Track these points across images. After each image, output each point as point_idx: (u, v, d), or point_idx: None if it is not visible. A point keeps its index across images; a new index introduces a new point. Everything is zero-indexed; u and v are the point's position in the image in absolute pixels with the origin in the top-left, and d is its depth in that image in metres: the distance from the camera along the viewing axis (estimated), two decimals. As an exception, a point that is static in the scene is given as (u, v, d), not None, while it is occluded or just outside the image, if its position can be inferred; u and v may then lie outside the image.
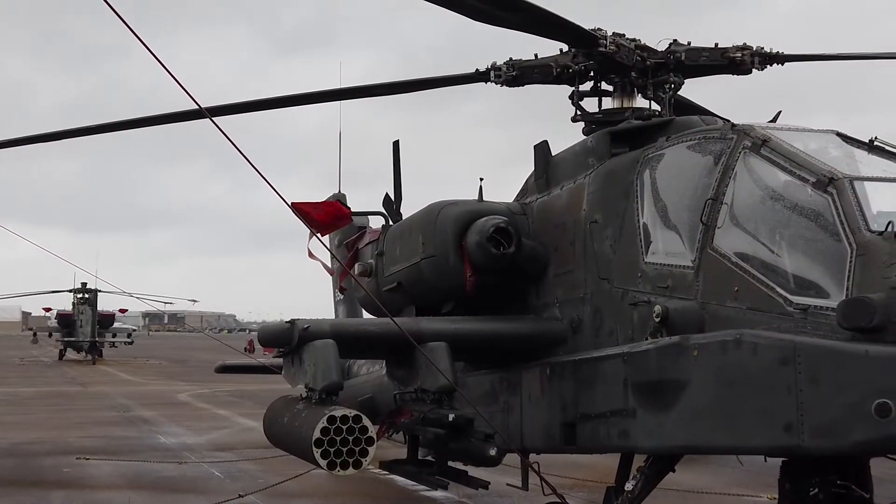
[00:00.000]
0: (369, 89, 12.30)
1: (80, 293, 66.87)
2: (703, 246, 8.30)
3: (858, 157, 8.39)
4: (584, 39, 10.18)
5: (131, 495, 14.36)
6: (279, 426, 10.29)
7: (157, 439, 22.12)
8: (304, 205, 12.06)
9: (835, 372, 6.86)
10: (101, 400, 32.72)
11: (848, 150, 8.51)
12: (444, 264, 10.85)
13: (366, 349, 11.15)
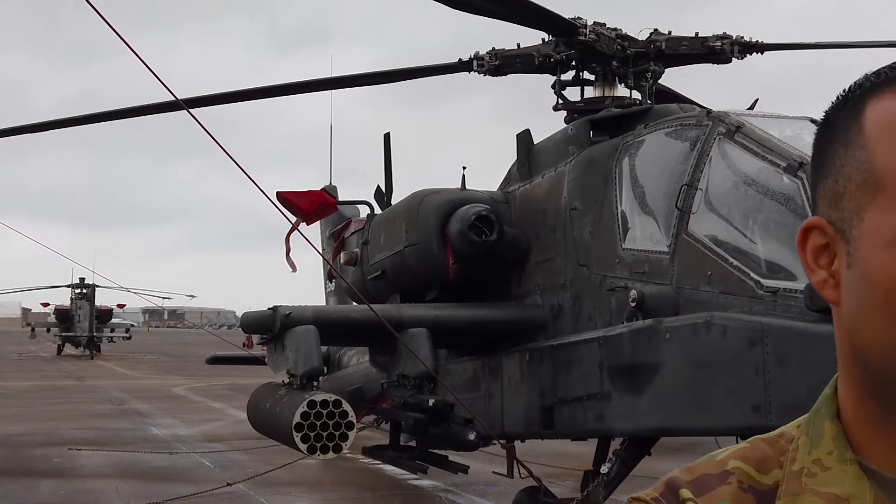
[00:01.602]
0: (355, 79, 12.38)
1: (78, 288, 66.92)
2: (679, 231, 8.39)
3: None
4: (563, 28, 10.26)
5: (119, 484, 14.45)
6: (262, 412, 10.39)
7: (149, 431, 22.21)
8: (289, 194, 12.13)
9: (801, 352, 6.95)
10: (96, 393, 32.79)
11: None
12: (427, 252, 10.93)
13: (347, 336, 11.23)
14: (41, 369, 49.65)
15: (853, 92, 1.17)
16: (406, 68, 12.03)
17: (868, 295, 1.11)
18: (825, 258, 1.18)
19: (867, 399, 1.17)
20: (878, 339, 1.11)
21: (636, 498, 1.23)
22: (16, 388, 34.78)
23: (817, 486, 1.17)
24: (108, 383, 38.17)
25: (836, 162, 1.16)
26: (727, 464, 1.23)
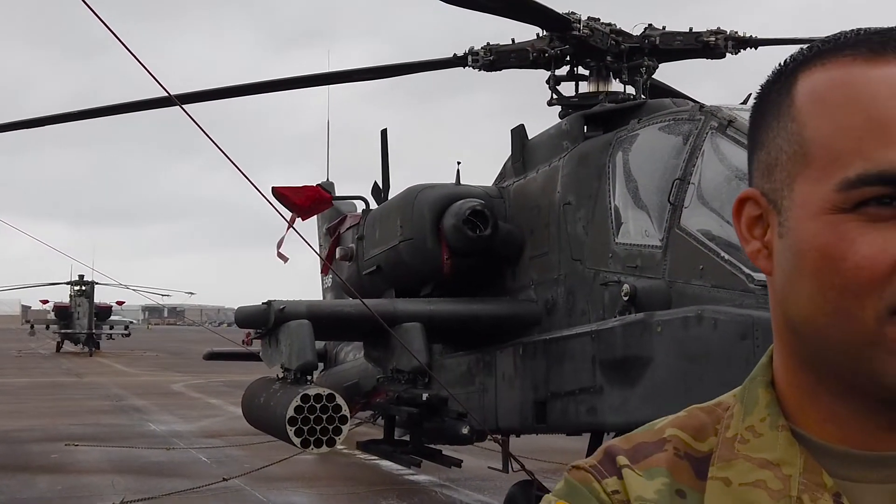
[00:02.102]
0: (350, 74, 12.38)
1: (77, 285, 66.93)
2: (671, 226, 8.40)
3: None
4: (557, 23, 10.28)
5: (116, 478, 14.48)
6: (256, 407, 10.41)
7: (147, 427, 22.24)
8: (284, 189, 12.16)
9: (792, 345, 6.96)
10: (94, 390, 32.81)
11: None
12: (421, 247, 10.95)
13: (341, 330, 11.25)
14: (40, 366, 49.67)
15: (787, 65, 1.19)
16: (401, 63, 12.06)
17: (797, 264, 1.13)
18: (759, 229, 1.19)
19: (799, 367, 1.19)
20: (807, 308, 1.12)
21: (577, 466, 1.25)
22: (14, 385, 34.81)
23: (749, 451, 1.19)
24: (107, 380, 38.19)
25: (768, 134, 1.18)
26: (665, 432, 1.25)
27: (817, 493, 1.13)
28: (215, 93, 10.91)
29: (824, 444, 1.17)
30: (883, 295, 1.06)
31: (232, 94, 11.30)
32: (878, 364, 1.08)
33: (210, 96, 10.85)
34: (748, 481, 1.16)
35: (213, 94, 10.86)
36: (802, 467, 1.15)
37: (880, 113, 1.08)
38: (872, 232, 1.07)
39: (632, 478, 1.20)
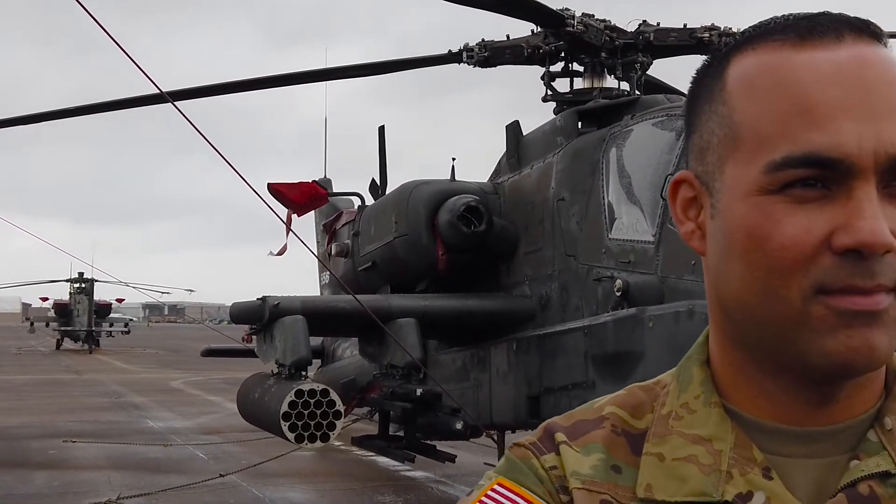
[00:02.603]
0: (346, 70, 12.40)
1: (76, 283, 66.92)
2: (664, 221, 8.42)
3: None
4: (551, 19, 10.30)
5: (112, 475, 14.51)
6: (251, 402, 10.45)
7: (145, 423, 22.25)
8: (280, 185, 12.19)
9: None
10: (94, 387, 32.84)
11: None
12: (416, 243, 10.98)
13: (336, 326, 11.28)
14: (39, 363, 49.68)
15: (720, 50, 1.21)
16: (397, 60, 12.07)
17: (727, 245, 1.15)
18: (693, 210, 1.22)
19: (731, 345, 1.21)
20: (737, 288, 1.15)
21: (518, 444, 1.27)
22: (14, 382, 34.83)
23: (683, 427, 1.21)
24: (106, 377, 38.20)
25: (701, 118, 1.20)
26: (603, 410, 1.28)
27: (747, 467, 1.16)
28: (209, 89, 10.90)
29: (756, 421, 1.19)
30: (807, 274, 1.08)
31: (226, 91, 11.28)
32: (803, 343, 1.10)
33: (203, 93, 10.84)
34: (680, 456, 1.19)
35: (206, 91, 10.86)
36: (733, 442, 1.18)
37: (805, 97, 1.10)
38: (798, 213, 1.09)
39: (569, 454, 1.23)
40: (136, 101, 10.24)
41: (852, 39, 1.12)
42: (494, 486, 1.23)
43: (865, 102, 1.08)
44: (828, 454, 1.17)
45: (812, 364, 1.11)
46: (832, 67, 1.10)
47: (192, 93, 10.48)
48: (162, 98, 7.22)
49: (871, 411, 1.19)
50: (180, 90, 9.95)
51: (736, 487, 1.15)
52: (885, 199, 1.09)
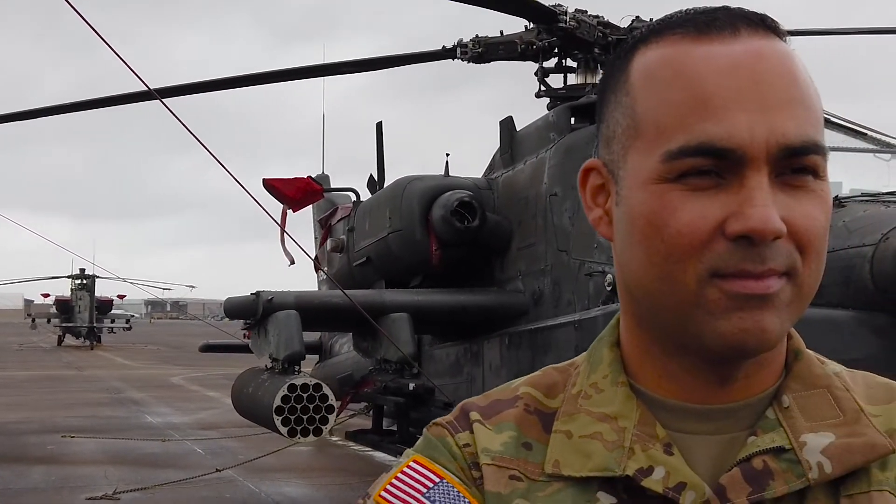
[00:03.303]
0: (341, 66, 12.43)
1: (78, 279, 66.98)
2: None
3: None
4: (543, 15, 10.33)
5: (109, 470, 14.56)
6: (245, 396, 10.50)
7: (144, 419, 22.31)
8: (275, 181, 12.22)
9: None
10: (94, 383, 32.90)
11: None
12: (410, 238, 11.02)
13: (329, 321, 11.31)
14: (41, 359, 49.75)
15: (627, 43, 1.26)
16: (391, 56, 12.10)
17: (629, 231, 1.19)
18: (602, 197, 1.26)
19: (637, 327, 1.26)
20: (638, 272, 1.19)
21: (436, 423, 1.32)
22: (15, 378, 34.89)
23: (591, 406, 1.26)
24: (107, 373, 38.28)
25: (609, 108, 1.25)
26: (518, 390, 1.32)
27: (649, 443, 1.20)
28: (199, 86, 10.88)
29: (661, 399, 1.24)
30: (702, 259, 1.13)
31: (216, 88, 11.26)
32: (699, 325, 1.15)
33: (193, 90, 10.82)
34: (587, 433, 1.23)
35: (196, 88, 10.84)
36: (637, 420, 1.22)
37: (702, 89, 1.14)
38: (693, 200, 1.13)
39: (481, 431, 1.28)
40: (126, 98, 10.23)
41: (748, 33, 1.16)
42: (410, 462, 1.28)
43: (758, 94, 1.13)
44: (728, 431, 1.22)
45: (707, 345, 1.15)
46: (728, 60, 1.14)
47: (182, 90, 10.47)
48: (151, 95, 7.23)
49: (771, 390, 1.24)
50: (170, 87, 9.95)
51: (637, 462, 1.19)
52: (777, 187, 1.13)
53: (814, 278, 1.17)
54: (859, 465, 1.18)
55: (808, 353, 1.28)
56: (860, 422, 1.21)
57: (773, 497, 1.16)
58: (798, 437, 1.19)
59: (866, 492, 1.18)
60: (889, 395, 1.26)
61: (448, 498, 1.23)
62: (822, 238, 1.16)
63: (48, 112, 10.95)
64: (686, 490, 1.17)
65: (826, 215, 1.16)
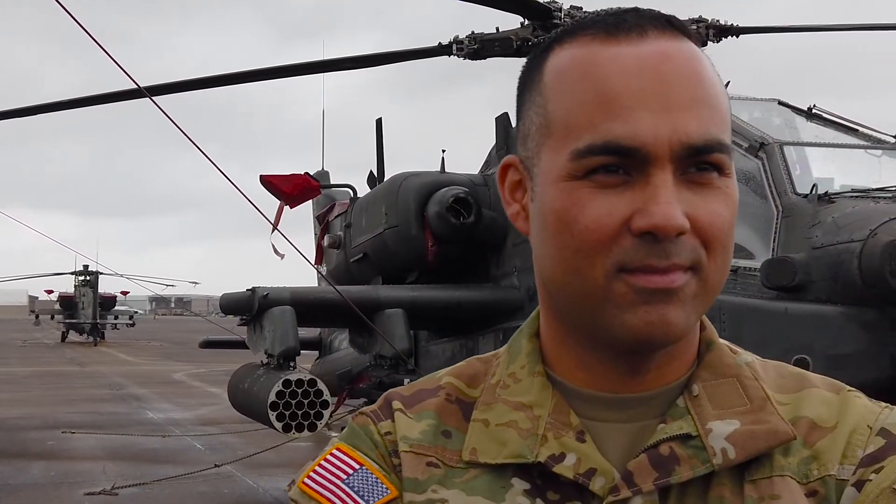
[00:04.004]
0: (338, 63, 12.44)
1: (81, 276, 67.09)
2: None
3: (796, 124, 8.61)
4: (539, 12, 10.35)
5: (108, 465, 14.61)
6: (241, 392, 10.54)
7: (145, 415, 22.38)
8: (272, 177, 12.25)
9: (756, 329, 7.08)
10: (96, 379, 32.97)
11: (788, 118, 8.74)
12: (406, 234, 11.06)
13: (324, 317, 11.36)
14: (44, 356, 49.84)
15: (543, 42, 1.29)
16: (388, 52, 12.12)
17: (542, 226, 1.23)
18: (519, 192, 1.30)
19: (553, 319, 1.30)
20: (551, 266, 1.23)
21: (361, 412, 1.36)
22: (17, 374, 34.99)
23: (508, 395, 1.29)
24: (109, 369, 38.35)
25: (525, 106, 1.28)
26: (442, 380, 1.37)
27: (562, 430, 1.24)
28: (191, 84, 10.84)
29: (576, 389, 1.28)
30: (610, 255, 1.16)
31: (212, 85, 11.25)
32: (608, 318, 1.18)
33: (183, 87, 10.78)
34: (503, 422, 1.27)
35: (186, 86, 10.80)
36: (552, 409, 1.26)
37: (608, 89, 1.17)
38: (601, 197, 1.17)
39: (402, 420, 1.32)
40: (117, 95, 10.22)
41: (655, 35, 1.19)
42: (333, 450, 1.32)
43: (663, 95, 1.16)
44: (640, 419, 1.25)
45: (616, 337, 1.19)
46: (634, 62, 1.18)
47: (172, 87, 10.47)
48: (142, 93, 7.25)
49: (682, 379, 1.28)
50: (160, 85, 9.94)
51: (550, 449, 1.23)
52: (682, 184, 1.17)
53: (719, 272, 1.20)
54: (762, 451, 1.22)
55: (721, 343, 1.31)
56: (765, 409, 1.24)
57: (679, 482, 1.20)
58: (705, 425, 1.23)
59: (769, 477, 1.21)
60: (799, 385, 1.29)
61: (366, 484, 1.27)
62: (726, 233, 1.19)
63: (40, 110, 10.95)
64: (596, 476, 1.21)
65: (731, 211, 1.20)
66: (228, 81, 11.24)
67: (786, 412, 1.25)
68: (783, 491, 1.20)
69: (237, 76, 11.18)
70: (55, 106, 10.82)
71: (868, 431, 1.23)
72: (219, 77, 11.18)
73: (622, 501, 1.20)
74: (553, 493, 1.22)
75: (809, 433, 1.24)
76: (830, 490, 1.21)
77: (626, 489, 1.20)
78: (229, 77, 11.18)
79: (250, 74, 11.21)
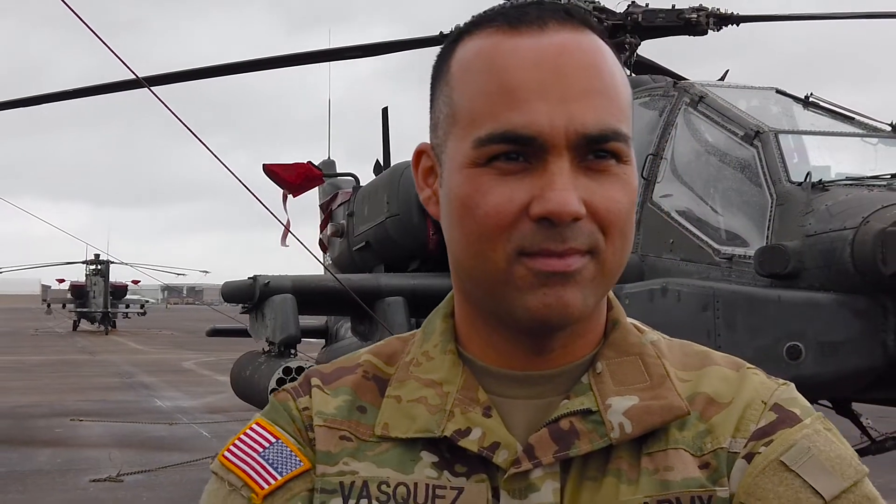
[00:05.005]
0: (342, 52, 12.48)
1: (92, 265, 67.31)
2: (644, 200, 8.54)
3: (793, 113, 8.63)
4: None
5: (114, 452, 14.71)
6: (243, 379, 10.61)
7: (153, 403, 22.48)
8: (274, 166, 12.30)
9: (750, 316, 7.12)
10: (105, 367, 33.12)
11: (785, 106, 8.76)
12: (407, 223, 11.10)
13: (325, 305, 11.40)
14: (55, 344, 50.06)
15: (453, 33, 1.34)
16: (391, 41, 12.15)
17: (449, 212, 1.28)
18: (432, 178, 1.35)
19: (464, 301, 1.36)
20: (458, 250, 1.28)
21: (283, 388, 1.42)
22: (28, 363, 35.18)
23: (420, 373, 1.35)
24: (119, 358, 38.52)
25: (435, 95, 1.34)
26: (361, 358, 1.43)
27: (469, 406, 1.30)
28: (188, 74, 10.86)
29: (486, 366, 1.33)
30: (510, 239, 1.22)
31: (206, 75, 11.22)
32: (510, 299, 1.24)
33: (182, 77, 10.80)
34: (414, 398, 1.33)
35: (185, 76, 10.81)
36: (461, 385, 1.32)
37: (509, 80, 1.22)
38: (502, 184, 1.22)
39: (318, 396, 1.38)
40: (117, 86, 10.23)
41: (556, 28, 1.24)
42: (253, 425, 1.39)
43: (559, 86, 1.21)
44: (546, 395, 1.31)
45: (517, 318, 1.25)
46: (533, 54, 1.23)
47: (171, 77, 10.49)
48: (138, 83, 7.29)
49: (587, 357, 1.33)
50: (161, 74, 9.99)
51: (456, 424, 1.28)
52: (581, 171, 1.22)
53: (617, 256, 1.26)
54: (657, 426, 1.27)
55: (626, 322, 1.37)
56: (664, 386, 1.30)
57: (579, 454, 1.26)
58: (605, 401, 1.28)
59: (664, 450, 1.27)
60: (702, 363, 1.35)
61: (281, 457, 1.33)
62: (624, 219, 1.25)
63: (43, 100, 11.00)
64: (500, 449, 1.27)
65: (629, 197, 1.25)
66: (233, 71, 11.29)
67: (686, 388, 1.31)
68: (676, 463, 1.26)
69: (242, 65, 11.22)
70: (57, 96, 10.85)
71: (762, 406, 1.29)
72: (222, 66, 11.21)
73: (523, 473, 1.25)
74: (460, 465, 1.28)
75: (706, 408, 1.30)
76: (722, 462, 1.26)
77: (527, 461, 1.25)
78: (234, 66, 11.22)
79: (254, 64, 11.25)
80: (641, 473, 1.25)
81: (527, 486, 1.25)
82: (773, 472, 1.23)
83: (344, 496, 1.30)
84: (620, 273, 1.28)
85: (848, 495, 1.23)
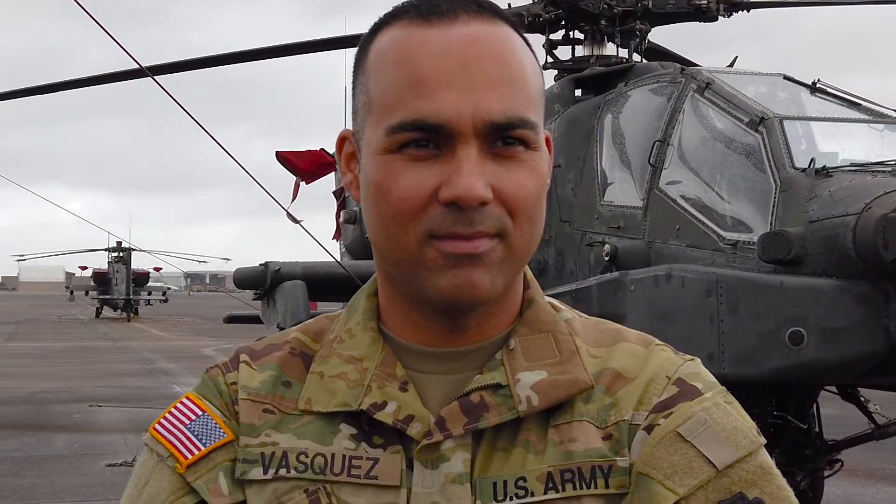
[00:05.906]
0: (352, 39, 12.51)
1: (114, 252, 67.64)
2: (651, 187, 8.58)
3: (800, 99, 8.63)
4: (548, -13, 10.39)
5: (131, 437, 14.84)
6: (254, 365, 10.70)
7: (172, 389, 22.59)
8: (287, 153, 12.41)
9: (752, 302, 7.14)
10: (126, 354, 33.34)
11: (793, 92, 8.76)
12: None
13: (335, 291, 11.46)
14: (77, 331, 50.41)
15: (373, 24, 1.39)
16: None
17: (366, 196, 1.34)
18: (353, 164, 1.41)
19: (385, 280, 1.41)
20: (374, 233, 1.34)
21: (214, 365, 1.48)
22: (50, 349, 35.45)
23: (342, 349, 1.41)
24: (140, 344, 38.74)
25: (355, 84, 1.39)
26: (290, 335, 1.49)
27: (386, 381, 1.36)
28: (190, 63, 10.85)
29: (404, 343, 1.39)
30: (421, 222, 1.27)
31: (209, 64, 11.21)
32: (421, 280, 1.30)
33: (184, 67, 10.79)
34: (335, 373, 1.39)
35: (187, 65, 10.81)
36: (379, 361, 1.38)
37: (419, 71, 1.28)
38: (413, 170, 1.28)
39: (245, 371, 1.44)
40: (116, 76, 10.25)
41: (466, 19, 1.30)
42: (183, 399, 1.46)
43: (466, 77, 1.27)
44: (461, 371, 1.37)
45: (429, 298, 1.31)
46: (442, 45, 1.28)
47: (173, 67, 10.50)
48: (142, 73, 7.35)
49: (503, 334, 1.39)
50: (162, 64, 10.01)
51: (372, 398, 1.35)
52: (489, 158, 1.27)
53: (525, 239, 1.31)
54: (563, 399, 1.33)
55: (542, 301, 1.43)
56: (572, 361, 1.36)
57: (488, 426, 1.32)
58: (515, 375, 1.34)
59: (569, 422, 1.33)
60: (614, 340, 1.41)
61: (206, 429, 1.40)
62: (532, 203, 1.30)
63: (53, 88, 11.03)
64: (414, 422, 1.33)
65: (537, 182, 1.30)
66: (244, 59, 11.35)
67: (596, 364, 1.37)
68: (580, 434, 1.32)
69: (255, 52, 11.27)
70: (61, 85, 10.91)
71: (666, 381, 1.35)
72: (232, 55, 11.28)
73: (435, 445, 1.31)
74: (378, 438, 1.34)
75: (613, 383, 1.36)
76: (623, 434, 1.32)
77: (439, 433, 1.31)
78: (245, 54, 11.27)
79: (269, 51, 11.31)
80: (548, 444, 1.31)
81: (438, 457, 1.31)
82: (669, 443, 1.29)
83: (264, 466, 1.36)
84: (531, 255, 1.33)
85: (742, 464, 1.29)
